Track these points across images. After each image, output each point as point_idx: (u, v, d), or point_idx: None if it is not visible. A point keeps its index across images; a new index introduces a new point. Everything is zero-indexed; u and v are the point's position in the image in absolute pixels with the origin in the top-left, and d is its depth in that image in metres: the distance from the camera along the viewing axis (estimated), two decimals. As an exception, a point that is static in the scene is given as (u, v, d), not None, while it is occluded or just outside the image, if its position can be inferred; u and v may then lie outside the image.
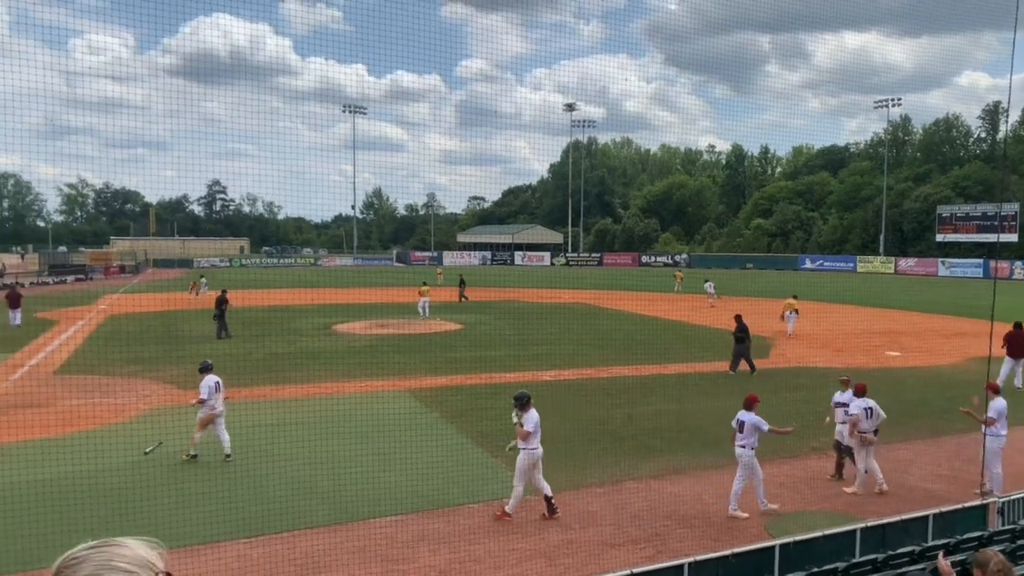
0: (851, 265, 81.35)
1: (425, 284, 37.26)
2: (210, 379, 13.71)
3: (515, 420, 10.90)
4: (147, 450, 12.37)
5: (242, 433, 14.61)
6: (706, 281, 44.94)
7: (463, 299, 44.48)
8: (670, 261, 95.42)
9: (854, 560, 7.33)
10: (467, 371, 21.58)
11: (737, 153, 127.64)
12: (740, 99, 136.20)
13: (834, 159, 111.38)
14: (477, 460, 13.37)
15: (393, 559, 9.24)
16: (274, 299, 43.89)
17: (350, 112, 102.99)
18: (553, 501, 10.69)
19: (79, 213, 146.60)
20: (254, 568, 8.80)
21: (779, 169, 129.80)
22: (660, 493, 11.67)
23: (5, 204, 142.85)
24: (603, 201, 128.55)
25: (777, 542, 7.67)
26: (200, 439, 13.50)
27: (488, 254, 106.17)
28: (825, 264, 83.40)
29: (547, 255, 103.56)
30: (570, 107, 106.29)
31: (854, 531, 8.10)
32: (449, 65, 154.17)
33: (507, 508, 10.62)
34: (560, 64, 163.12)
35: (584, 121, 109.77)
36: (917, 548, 7.49)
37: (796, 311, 29.97)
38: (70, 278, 65.84)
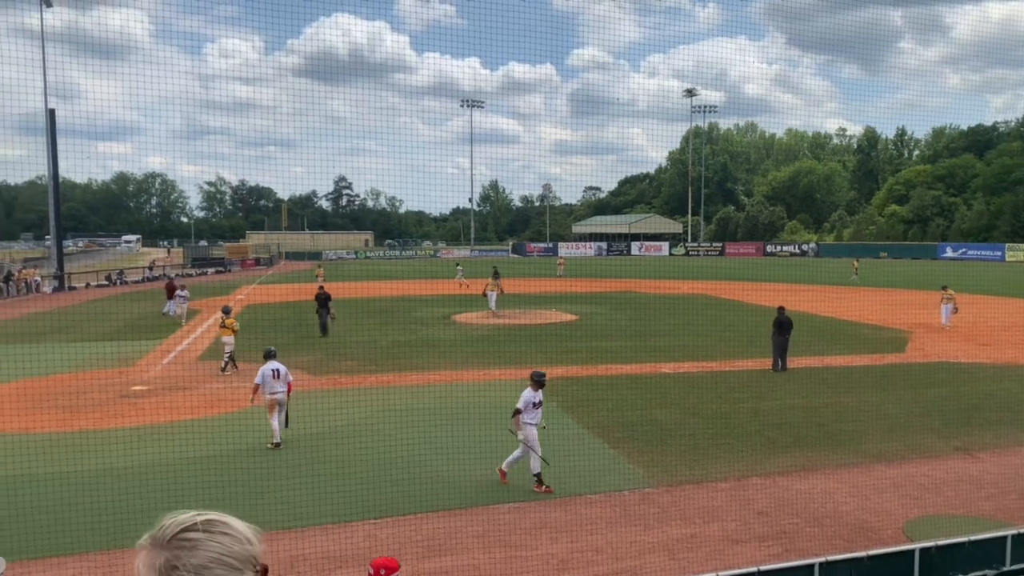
0: (998, 254, 75.47)
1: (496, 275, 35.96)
2: (267, 366, 13.86)
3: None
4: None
5: (370, 417, 15.20)
6: (457, 265, 53.99)
7: (498, 291, 43.15)
8: (797, 250, 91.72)
9: (1004, 568, 6.82)
10: (583, 362, 21.53)
11: (870, 136, 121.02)
12: (870, 79, 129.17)
13: (980, 140, 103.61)
14: (595, 451, 13.32)
15: (514, 545, 9.36)
16: (397, 289, 45.31)
17: (468, 106, 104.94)
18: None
19: (218, 209, 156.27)
20: (382, 548, 9.12)
21: (916, 152, 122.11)
22: (788, 490, 11.25)
23: (154, 202, 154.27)
24: (725, 188, 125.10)
25: (917, 546, 7.23)
26: (276, 426, 13.69)
27: (604, 244, 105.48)
28: (968, 252, 77.76)
29: (665, 245, 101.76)
30: (690, 92, 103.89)
31: (1004, 537, 7.52)
32: (562, 55, 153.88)
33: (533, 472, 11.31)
34: (676, 49, 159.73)
35: (704, 106, 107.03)
36: (1079, 559, 6.88)
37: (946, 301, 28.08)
38: (210, 270, 70.36)
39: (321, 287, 28.83)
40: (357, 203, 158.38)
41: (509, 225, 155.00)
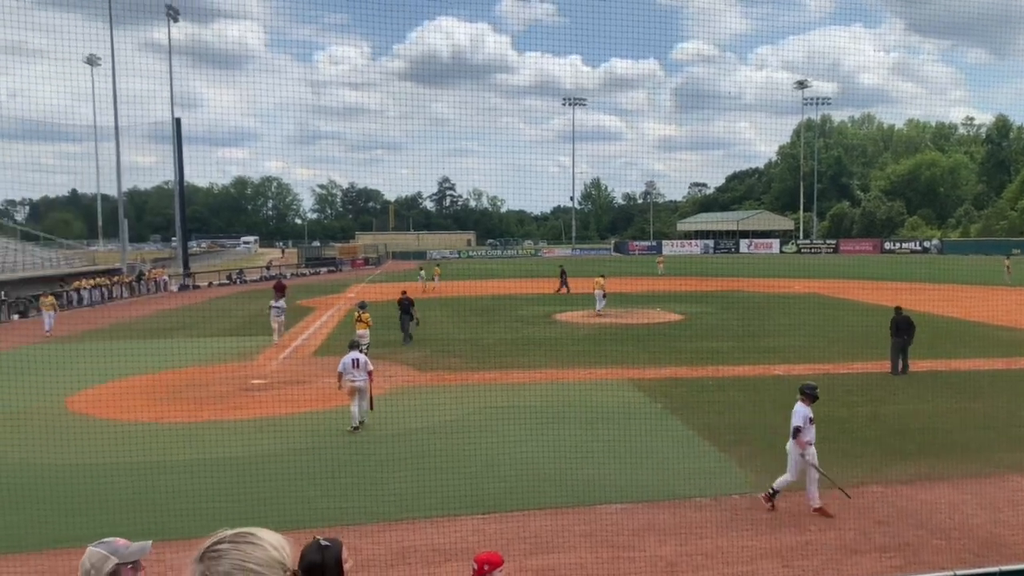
0: None
1: (603, 276, 34.22)
2: (348, 356, 14.92)
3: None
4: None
5: (475, 413, 15.42)
6: (419, 268, 51.21)
7: (564, 290, 42.30)
8: (918, 247, 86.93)
9: None
10: (691, 363, 21.10)
11: (1000, 125, 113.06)
12: (1000, 63, 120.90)
13: None
14: (705, 454, 13.04)
15: (621, 546, 9.28)
16: (499, 288, 45.74)
17: (570, 104, 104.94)
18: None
19: (329, 211, 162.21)
20: (489, 543, 9.22)
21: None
22: (911, 500, 10.67)
23: (270, 204, 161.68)
24: (839, 183, 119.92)
25: (1060, 564, 6.71)
26: (355, 411, 14.57)
27: (711, 242, 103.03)
28: (1116, 249, 71.53)
29: (776, 242, 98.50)
30: (801, 84, 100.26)
31: None
32: (665, 49, 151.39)
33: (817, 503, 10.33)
34: (786, 40, 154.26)
35: (817, 98, 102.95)
36: None
37: None
38: (323, 269, 73.12)
39: (404, 292, 26.81)
40: (460, 203, 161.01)
41: (611, 223, 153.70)
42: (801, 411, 10.40)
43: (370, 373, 14.92)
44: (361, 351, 20.15)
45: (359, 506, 10.60)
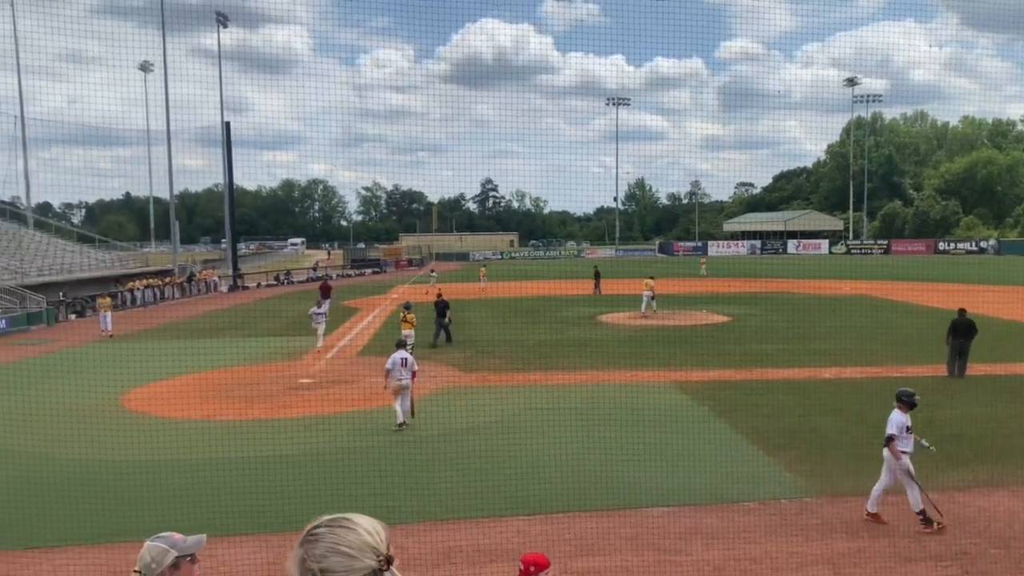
0: None
1: (652, 277, 33.51)
2: (397, 355, 14.97)
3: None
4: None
5: (519, 414, 15.42)
6: (432, 272, 51.52)
7: (597, 292, 42.91)
8: (974, 247, 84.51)
9: None
10: (737, 365, 20.81)
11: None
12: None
13: None
14: (752, 457, 12.84)
15: (666, 550, 9.18)
16: (542, 289, 45.70)
17: (613, 104, 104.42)
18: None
19: (373, 213, 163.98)
20: (533, 544, 9.21)
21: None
22: (967, 507, 10.37)
23: (316, 207, 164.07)
24: (890, 182, 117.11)
25: None
26: (399, 408, 14.66)
27: (757, 243, 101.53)
28: None
29: (825, 243, 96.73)
30: (850, 81, 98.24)
31: None
32: (710, 48, 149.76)
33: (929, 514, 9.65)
34: (834, 36, 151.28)
35: (867, 96, 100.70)
36: None
37: None
38: (368, 271, 73.89)
39: (439, 294, 27.14)
40: (503, 204, 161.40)
41: (655, 224, 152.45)
42: (897, 419, 9.91)
43: (414, 373, 15.08)
44: (407, 350, 20.39)
45: (405, 505, 10.69)
